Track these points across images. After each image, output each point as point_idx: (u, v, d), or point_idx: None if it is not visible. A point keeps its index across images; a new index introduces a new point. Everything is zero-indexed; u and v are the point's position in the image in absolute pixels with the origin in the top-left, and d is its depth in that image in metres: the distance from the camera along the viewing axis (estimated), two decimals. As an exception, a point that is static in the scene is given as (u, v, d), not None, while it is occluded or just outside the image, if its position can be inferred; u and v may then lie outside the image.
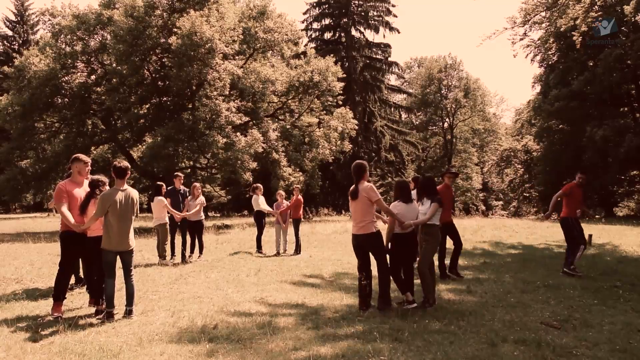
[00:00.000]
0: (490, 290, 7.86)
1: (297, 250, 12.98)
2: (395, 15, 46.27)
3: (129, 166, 6.66)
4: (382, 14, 45.97)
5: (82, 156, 6.82)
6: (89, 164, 6.85)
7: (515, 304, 6.97)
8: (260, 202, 13.28)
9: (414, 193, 7.63)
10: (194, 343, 5.19)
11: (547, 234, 18.01)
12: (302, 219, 14.59)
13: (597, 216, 34.95)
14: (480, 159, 63.09)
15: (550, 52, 37.42)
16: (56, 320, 6.12)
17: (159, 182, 11.54)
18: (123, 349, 4.99)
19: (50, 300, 6.72)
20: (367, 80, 45.18)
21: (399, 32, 46.31)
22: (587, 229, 18.92)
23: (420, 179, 7.50)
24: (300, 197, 13.48)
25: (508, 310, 6.63)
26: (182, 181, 11.88)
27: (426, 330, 5.65)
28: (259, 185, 13.75)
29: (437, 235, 7.17)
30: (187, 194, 11.77)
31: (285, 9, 66.41)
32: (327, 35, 46.60)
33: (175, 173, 12.12)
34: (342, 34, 45.74)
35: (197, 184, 11.86)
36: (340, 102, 30.91)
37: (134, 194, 6.51)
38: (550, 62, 39.00)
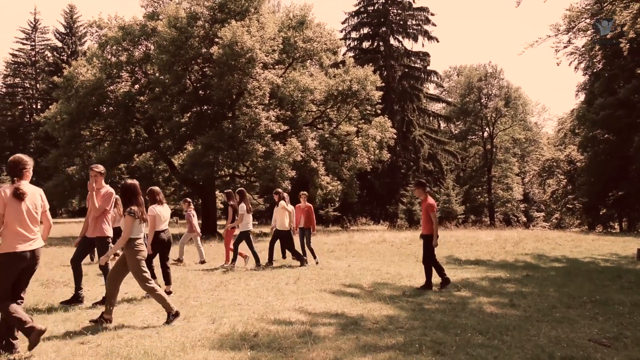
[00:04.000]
0: (534, 305, 7.65)
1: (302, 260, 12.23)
2: (434, 24, 46.08)
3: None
4: (420, 22, 45.82)
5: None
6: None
7: (561, 319, 6.76)
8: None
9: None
10: (235, 350, 5.22)
11: (593, 247, 17.44)
12: (313, 231, 12.86)
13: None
14: (521, 169, 61.85)
15: (595, 60, 36.44)
16: (102, 324, 6.28)
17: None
18: (167, 354, 5.07)
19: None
20: (406, 89, 44.98)
21: (437, 41, 46.02)
22: (636, 242, 18.31)
23: (121, 185, 6.63)
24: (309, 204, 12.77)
25: (554, 325, 6.43)
26: None
27: (469, 344, 5.54)
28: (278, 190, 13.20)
29: (136, 248, 6.32)
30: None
31: (324, 19, 66.81)
32: (366, 44, 46.75)
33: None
34: (381, 43, 45.79)
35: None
36: (379, 111, 30.88)
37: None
38: (595, 70, 38.00)
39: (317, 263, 12.33)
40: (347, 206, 38.62)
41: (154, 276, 8.27)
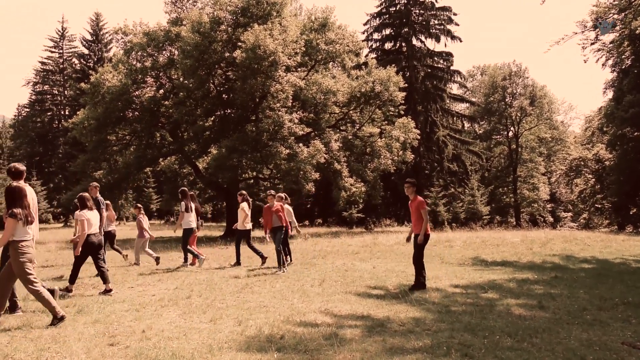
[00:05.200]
0: (564, 307, 7.51)
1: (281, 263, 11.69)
2: (457, 24, 45.60)
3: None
4: (443, 22, 45.42)
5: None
6: None
7: (593, 321, 6.62)
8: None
9: None
10: (262, 352, 5.24)
11: (623, 247, 17.04)
12: (291, 232, 12.93)
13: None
14: (547, 168, 60.87)
15: (624, 56, 35.71)
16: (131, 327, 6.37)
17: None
18: (194, 356, 5.11)
19: (126, 305, 7.03)
20: (429, 90, 44.63)
21: (460, 41, 45.57)
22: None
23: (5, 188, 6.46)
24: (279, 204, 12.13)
25: (585, 328, 6.31)
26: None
27: (498, 346, 5.46)
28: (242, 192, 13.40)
29: (19, 251, 6.24)
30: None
31: (346, 20, 66.74)
32: (388, 45, 46.51)
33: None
34: (403, 44, 45.51)
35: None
36: (402, 112, 30.69)
37: None
38: (623, 67, 37.26)
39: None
40: (371, 208, 38.46)
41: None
